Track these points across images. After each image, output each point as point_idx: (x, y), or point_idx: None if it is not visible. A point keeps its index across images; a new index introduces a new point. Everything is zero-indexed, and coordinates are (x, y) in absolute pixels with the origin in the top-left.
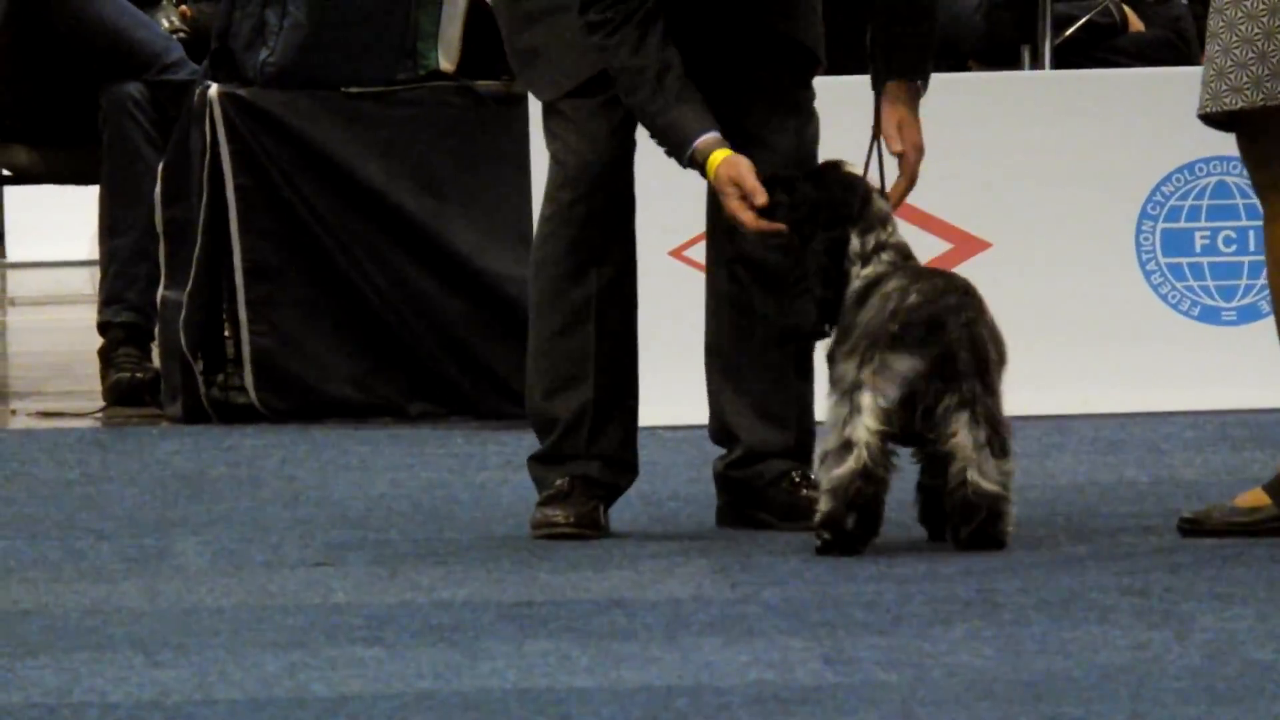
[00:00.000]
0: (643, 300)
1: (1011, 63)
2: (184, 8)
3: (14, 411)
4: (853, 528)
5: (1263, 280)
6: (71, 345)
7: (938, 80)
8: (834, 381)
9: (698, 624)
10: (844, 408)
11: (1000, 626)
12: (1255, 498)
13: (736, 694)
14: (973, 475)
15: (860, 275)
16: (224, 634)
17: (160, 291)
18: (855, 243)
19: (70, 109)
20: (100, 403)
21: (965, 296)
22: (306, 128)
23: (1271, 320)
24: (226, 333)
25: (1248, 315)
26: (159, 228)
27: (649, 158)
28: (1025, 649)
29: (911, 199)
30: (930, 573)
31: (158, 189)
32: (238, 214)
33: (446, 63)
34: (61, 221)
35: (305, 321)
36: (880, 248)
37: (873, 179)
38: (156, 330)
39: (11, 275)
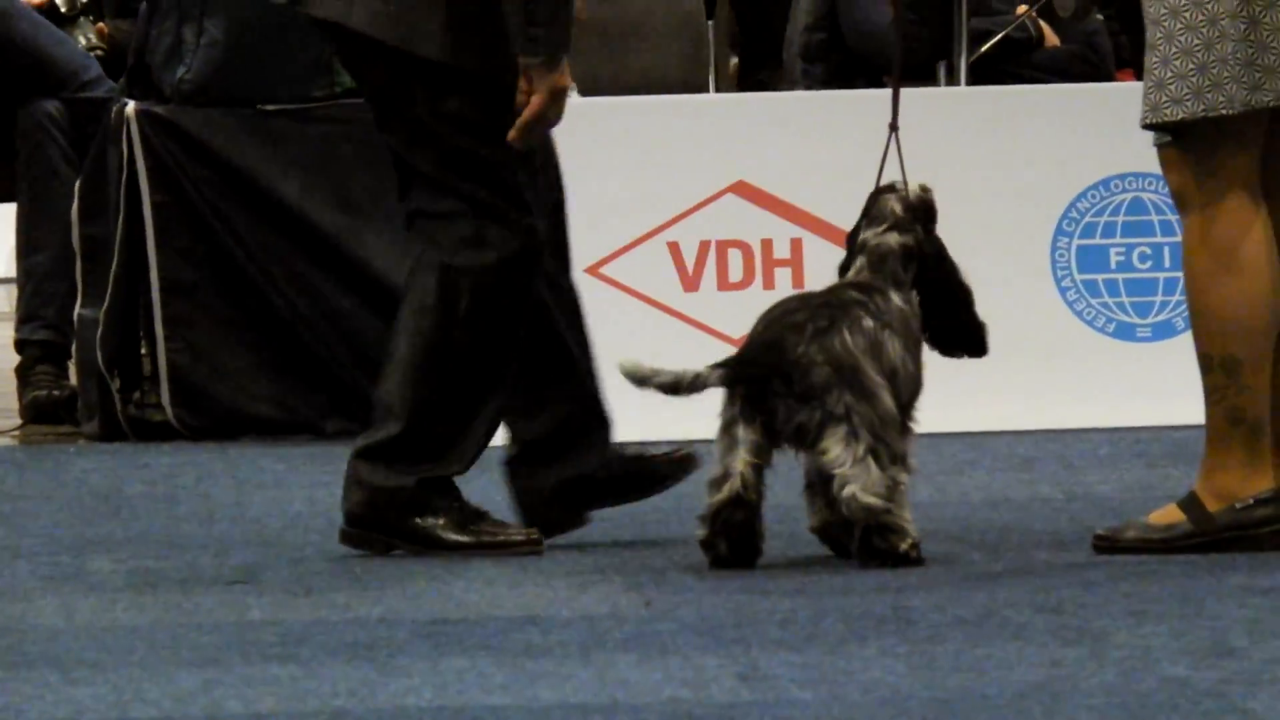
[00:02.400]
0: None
1: (927, 78)
2: (101, 25)
3: None
4: (726, 552)
5: (1178, 296)
6: None
7: (854, 96)
8: (720, 417)
9: (613, 641)
10: (725, 440)
11: (915, 644)
12: (1170, 514)
13: (651, 711)
14: (850, 490)
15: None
16: (140, 652)
17: (77, 309)
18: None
19: None
20: (17, 420)
21: (822, 309)
22: (223, 145)
23: (1186, 336)
24: (143, 350)
25: (1163, 332)
26: (76, 245)
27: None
28: (940, 666)
29: (825, 213)
30: (845, 589)
31: (75, 206)
32: (155, 231)
33: None
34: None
35: (222, 339)
36: (859, 249)
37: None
38: (74, 348)
39: None
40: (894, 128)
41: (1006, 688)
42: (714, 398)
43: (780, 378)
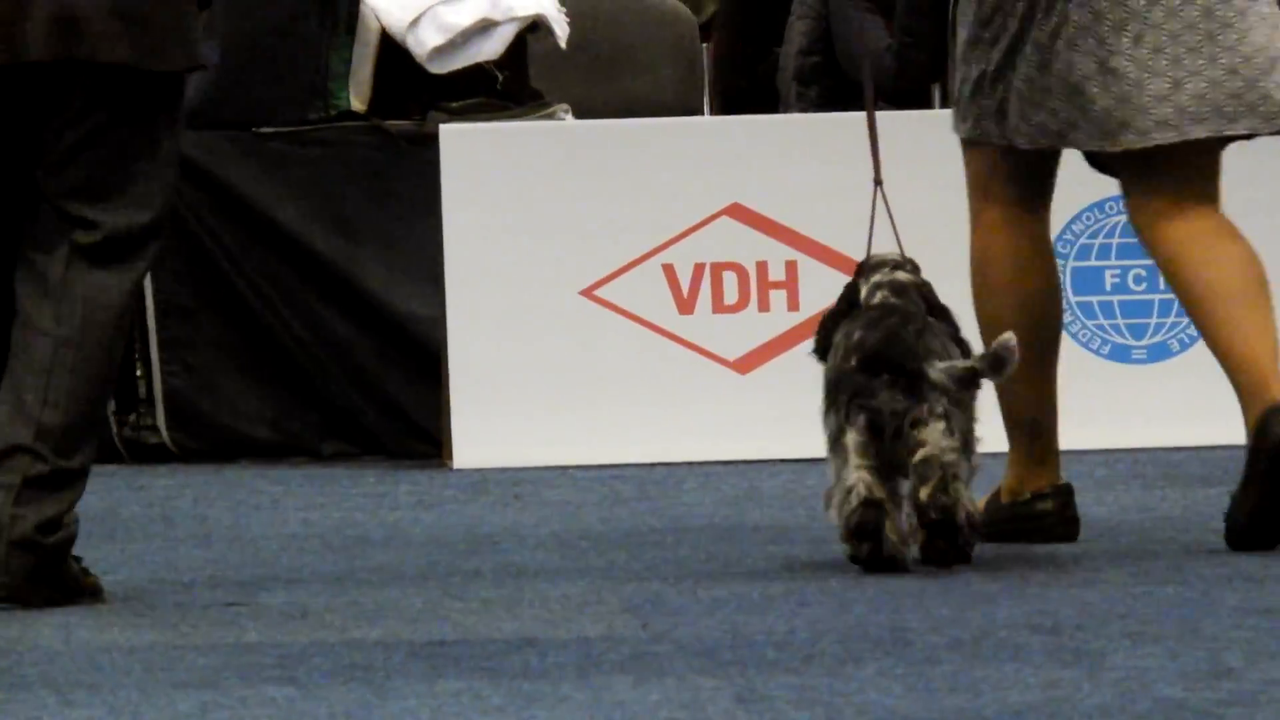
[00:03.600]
0: (555, 339)
1: (922, 103)
2: None
3: None
4: (866, 555)
5: (1173, 318)
6: None
7: (848, 119)
8: (828, 436)
9: (609, 663)
10: (838, 457)
11: (911, 665)
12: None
13: None
14: (954, 489)
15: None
16: (137, 673)
17: None
18: (864, 291)
19: None
20: None
21: (914, 315)
22: (219, 168)
23: (1182, 358)
24: (138, 373)
25: (1158, 353)
26: None
27: (556, 200)
28: (936, 687)
29: (820, 235)
30: (841, 610)
31: None
32: None
33: (358, 102)
34: None
35: (217, 361)
36: (876, 288)
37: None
38: None
39: None
40: (878, 182)
41: (1003, 709)
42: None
43: (900, 371)
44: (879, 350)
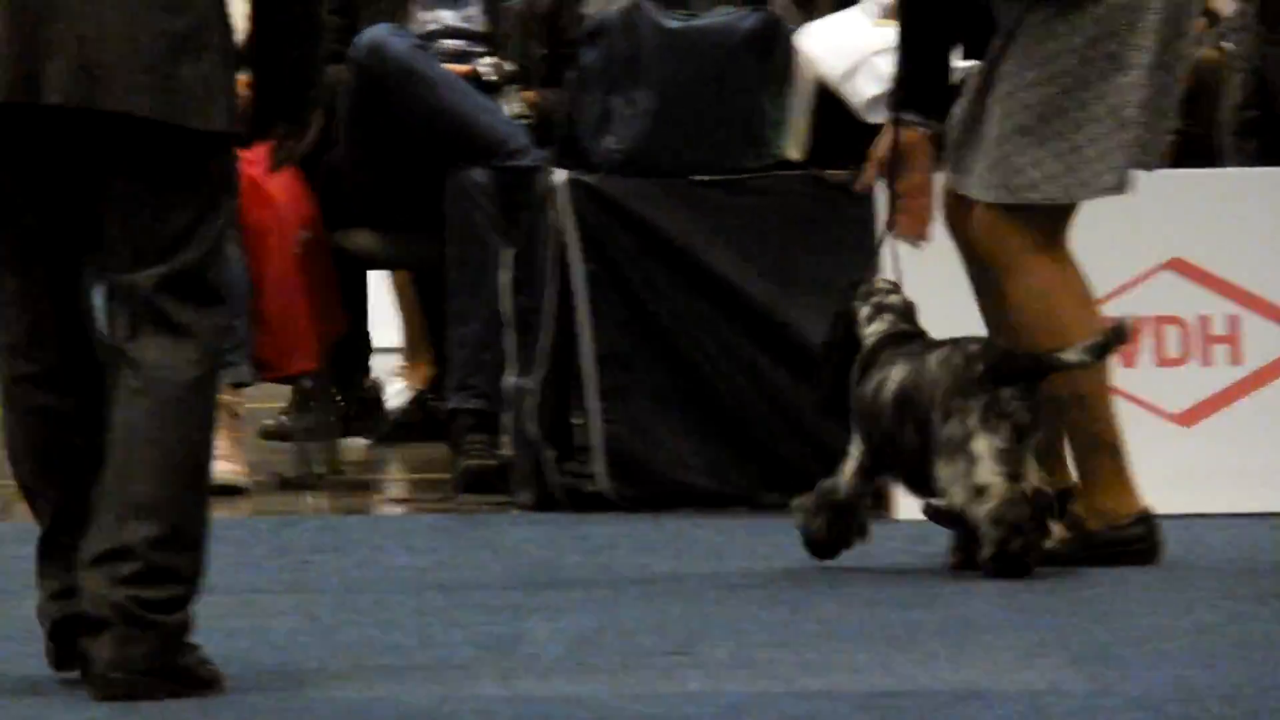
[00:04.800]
0: None
1: None
2: (529, 94)
3: (365, 497)
4: (1021, 549)
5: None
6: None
7: None
8: (947, 444)
9: (1055, 716)
10: (959, 463)
11: None
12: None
13: None
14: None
15: (867, 334)
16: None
17: (510, 379)
18: (865, 310)
19: (414, 194)
20: (450, 490)
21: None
22: (653, 215)
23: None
24: (578, 420)
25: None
26: (509, 314)
27: None
28: None
29: (1263, 290)
30: None
31: (507, 276)
32: (588, 301)
33: (795, 151)
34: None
35: (656, 409)
36: (881, 309)
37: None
38: (505, 417)
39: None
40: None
41: None
42: None
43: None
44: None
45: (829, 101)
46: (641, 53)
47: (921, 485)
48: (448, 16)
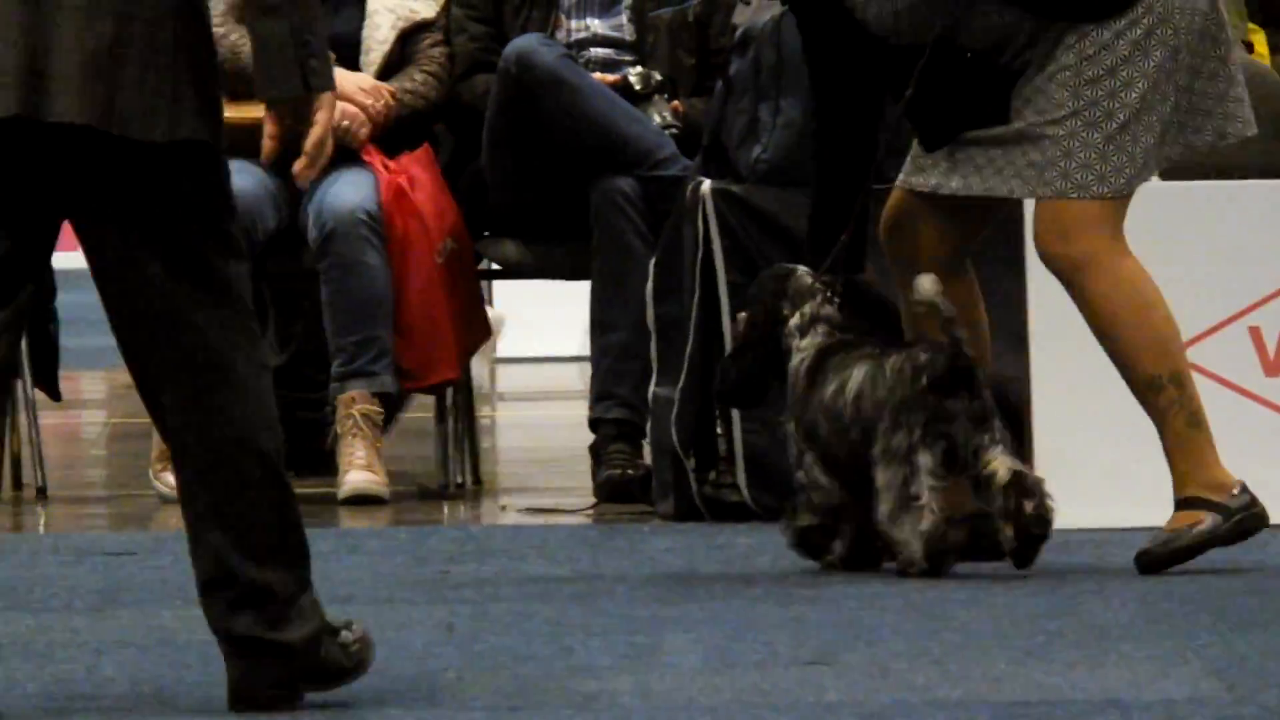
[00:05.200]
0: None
1: None
2: (676, 103)
3: (504, 507)
4: (944, 571)
5: None
6: (561, 441)
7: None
8: (887, 453)
9: None
10: (902, 469)
11: None
12: (1187, 518)
13: None
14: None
15: (800, 348)
16: None
17: (651, 388)
18: (794, 319)
19: (560, 204)
20: (591, 499)
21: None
22: (799, 225)
23: None
24: (719, 430)
25: None
26: (651, 324)
27: (1146, 263)
28: None
29: None
30: None
31: (649, 285)
32: (731, 310)
33: None
34: (550, 317)
35: None
36: (815, 320)
37: None
38: (648, 427)
39: (501, 370)
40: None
41: None
42: None
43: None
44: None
45: None
46: (790, 62)
47: (858, 491)
48: (596, 25)
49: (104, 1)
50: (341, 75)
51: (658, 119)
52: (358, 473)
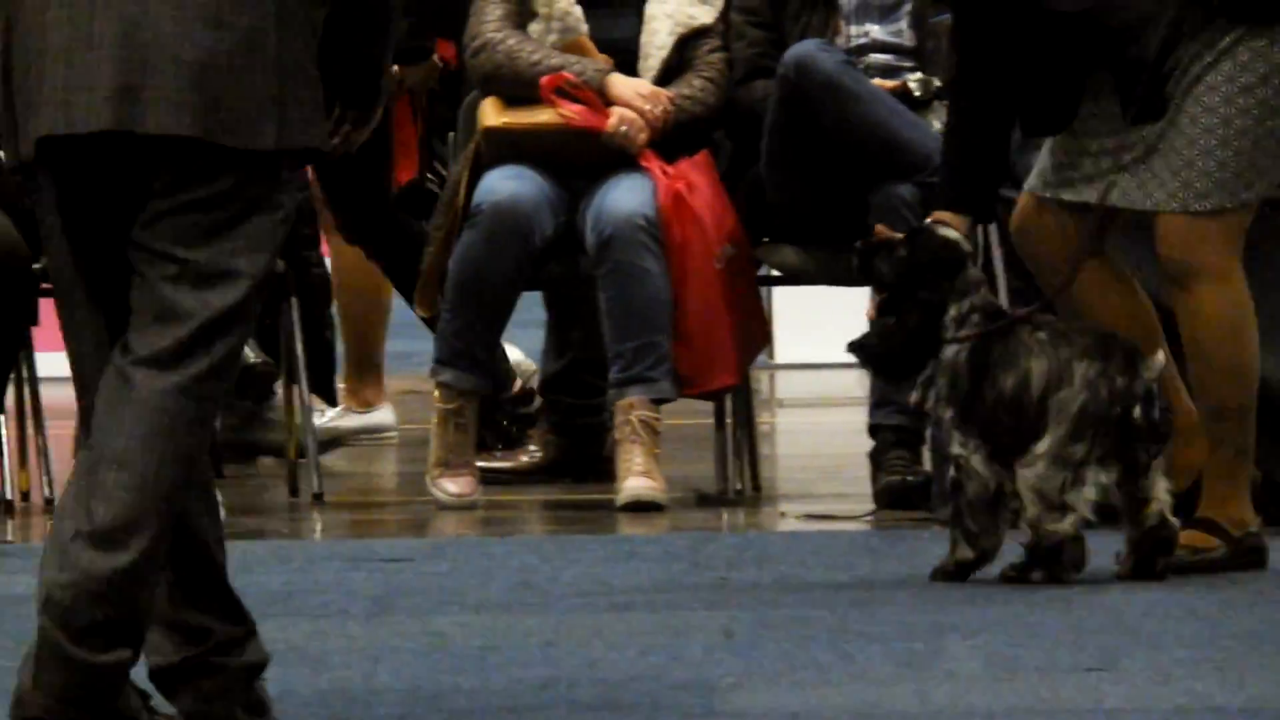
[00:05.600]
0: None
1: None
2: None
3: (783, 514)
4: (1039, 579)
5: None
6: (841, 447)
7: None
8: (1059, 458)
9: None
10: (1063, 474)
11: None
12: (1199, 539)
13: None
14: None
15: (956, 338)
16: None
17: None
18: (952, 310)
19: (839, 209)
20: (870, 505)
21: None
22: None
23: None
24: None
25: None
26: None
27: None
28: None
29: None
30: None
31: None
32: None
33: None
34: (830, 322)
35: None
36: (972, 310)
37: None
38: (927, 433)
39: (780, 376)
40: None
41: None
42: None
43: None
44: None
45: None
46: None
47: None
48: (876, 31)
49: (203, 10)
50: (620, 81)
51: (937, 125)
52: (636, 479)
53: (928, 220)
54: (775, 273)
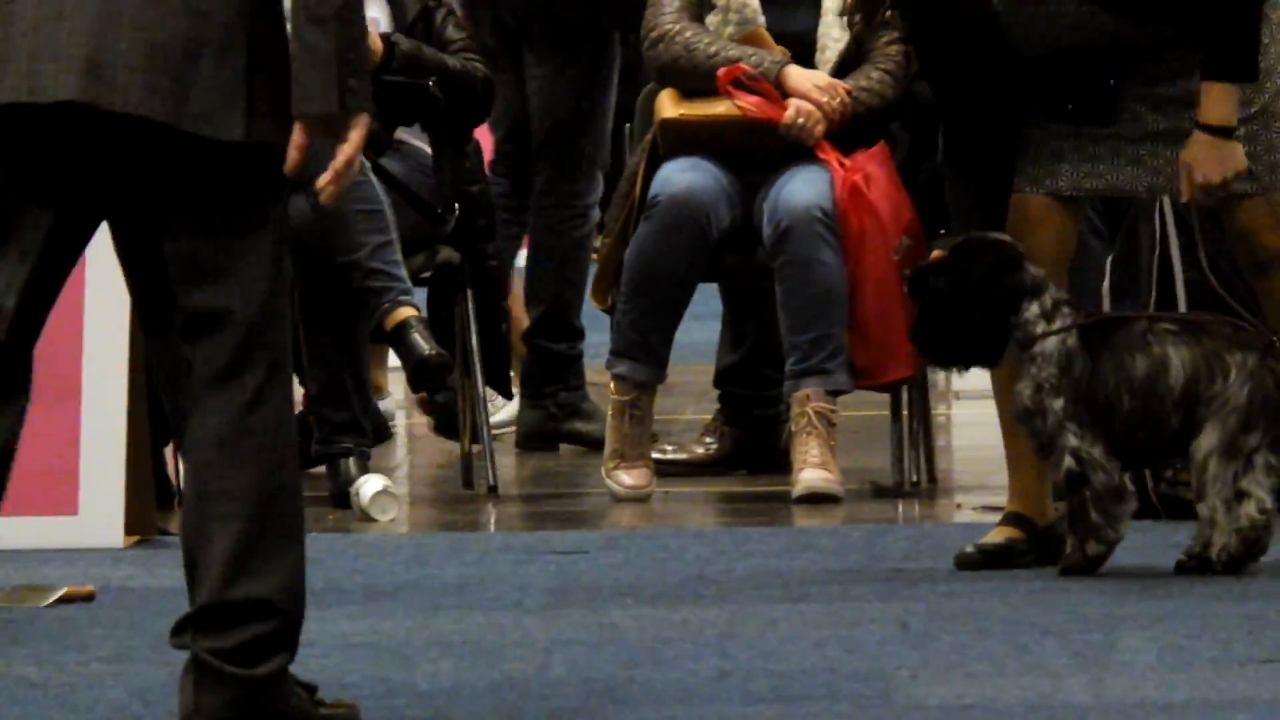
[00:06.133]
0: None
1: None
2: None
3: (959, 506)
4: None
5: None
6: None
7: None
8: (1231, 448)
9: None
10: (1235, 464)
11: None
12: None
13: None
14: None
15: (1049, 330)
16: None
17: None
18: (1033, 307)
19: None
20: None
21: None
22: None
23: None
24: None
25: None
26: None
27: None
28: None
29: None
30: None
31: (1106, 283)
32: (1188, 309)
33: None
34: None
35: None
36: (1058, 304)
37: None
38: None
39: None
40: None
41: None
42: None
43: None
44: None
45: None
46: None
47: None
48: None
49: None
50: (797, 73)
51: None
52: (812, 471)
53: None
54: None
